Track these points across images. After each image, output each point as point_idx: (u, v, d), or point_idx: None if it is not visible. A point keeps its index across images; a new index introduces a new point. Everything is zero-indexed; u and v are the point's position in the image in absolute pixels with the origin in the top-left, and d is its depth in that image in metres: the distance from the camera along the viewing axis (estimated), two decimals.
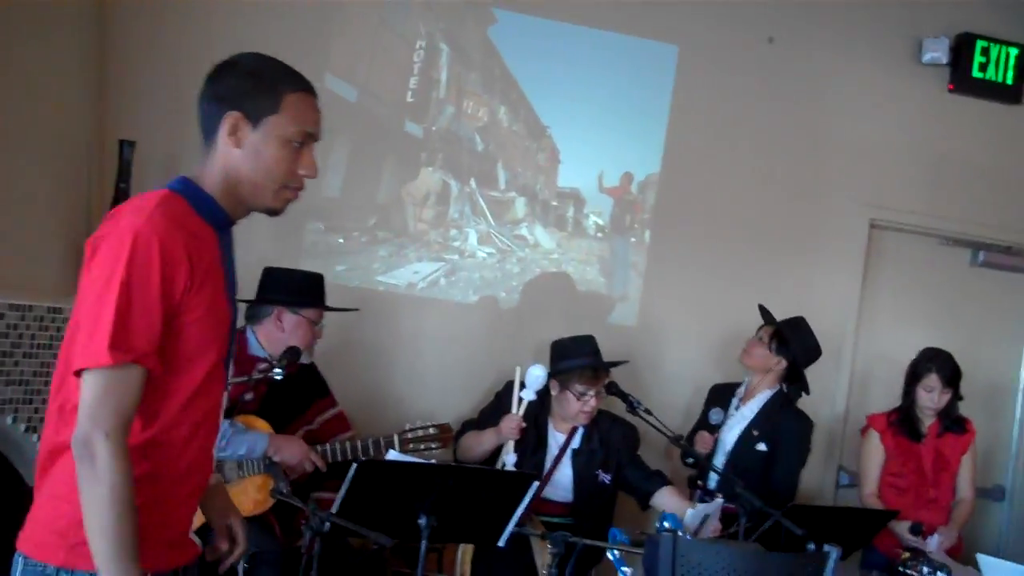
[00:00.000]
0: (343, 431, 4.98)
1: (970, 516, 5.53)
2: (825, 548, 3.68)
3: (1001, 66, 6.47)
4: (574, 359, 5.04)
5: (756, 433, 5.35)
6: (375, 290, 5.85)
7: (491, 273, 6.04)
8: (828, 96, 6.41)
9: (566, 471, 5.06)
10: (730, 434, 5.39)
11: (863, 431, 5.65)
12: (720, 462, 5.27)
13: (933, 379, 5.35)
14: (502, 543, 4.04)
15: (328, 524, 3.73)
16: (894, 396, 5.61)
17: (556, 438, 5.11)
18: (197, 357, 2.41)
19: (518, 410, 4.95)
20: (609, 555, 3.96)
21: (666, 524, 4.14)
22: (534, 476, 4.10)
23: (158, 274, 2.28)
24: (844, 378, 6.41)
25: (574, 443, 5.10)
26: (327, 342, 5.15)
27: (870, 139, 6.45)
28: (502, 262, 6.05)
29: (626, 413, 4.93)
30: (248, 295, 4.59)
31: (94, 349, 2.24)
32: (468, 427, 5.18)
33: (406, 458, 4.36)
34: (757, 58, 6.30)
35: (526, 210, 6.09)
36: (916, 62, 6.47)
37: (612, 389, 4.92)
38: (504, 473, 4.62)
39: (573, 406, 5.00)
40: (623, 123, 6.17)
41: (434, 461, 4.40)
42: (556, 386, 5.05)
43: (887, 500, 5.38)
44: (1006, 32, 6.47)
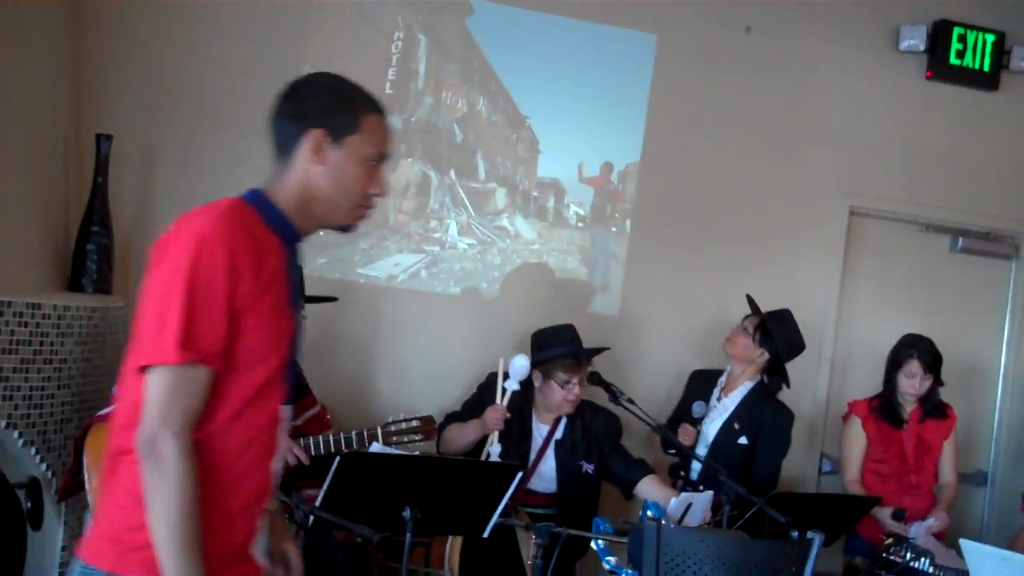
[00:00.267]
0: (325, 429, 4.94)
1: (953, 501, 5.57)
2: (808, 535, 3.68)
3: (978, 53, 6.49)
4: (556, 348, 5.04)
5: (737, 427, 5.35)
6: (356, 282, 5.83)
7: (472, 264, 6.02)
8: (806, 84, 6.41)
9: (550, 462, 5.07)
10: (711, 426, 5.39)
11: (844, 417, 5.67)
12: (701, 454, 5.26)
13: (914, 365, 5.36)
14: (486, 534, 4.04)
15: (312, 518, 3.72)
16: (875, 382, 5.63)
17: (540, 429, 5.11)
18: (255, 364, 2.42)
19: (502, 401, 4.95)
20: (593, 545, 3.97)
21: (649, 513, 4.16)
22: (518, 467, 4.10)
23: (224, 274, 2.30)
24: (825, 365, 6.42)
25: (557, 434, 5.10)
26: (307, 335, 5.13)
27: (848, 127, 6.47)
28: (483, 253, 6.04)
29: (609, 403, 4.94)
30: None
31: (162, 346, 2.26)
32: (451, 419, 5.17)
33: (390, 450, 4.35)
34: (735, 47, 6.31)
35: (506, 201, 6.08)
36: (894, 49, 6.48)
37: (595, 379, 4.92)
38: (488, 464, 4.61)
39: (557, 395, 5.00)
40: (602, 113, 6.16)
41: (418, 453, 4.39)
42: (539, 376, 5.05)
43: (870, 486, 5.39)
44: (983, 19, 6.49)
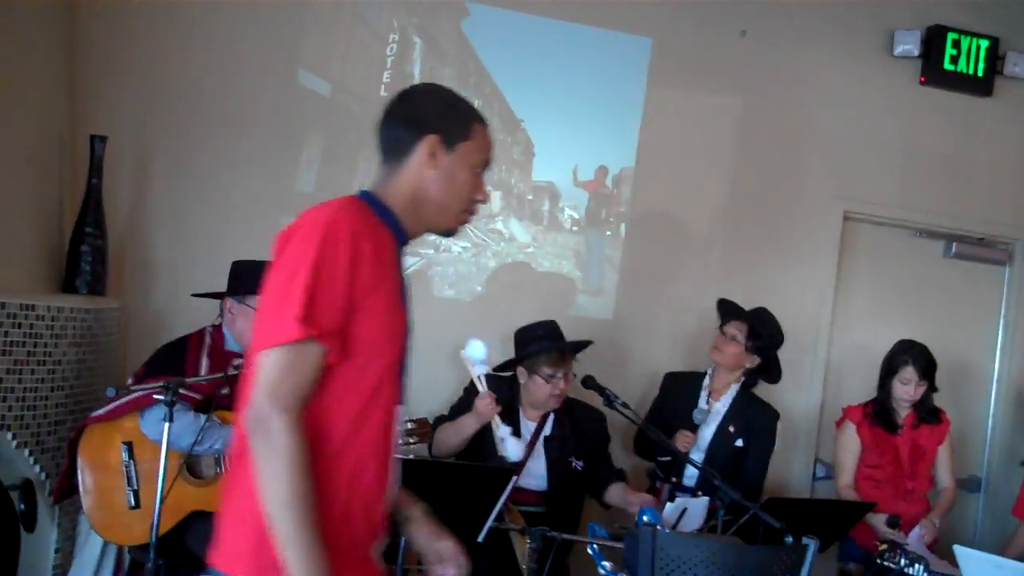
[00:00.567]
0: None
1: (951, 505, 5.57)
2: (804, 540, 3.68)
3: (972, 58, 6.50)
4: (538, 343, 5.05)
5: (732, 429, 5.36)
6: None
7: (466, 267, 6.02)
8: (801, 89, 6.42)
9: (540, 459, 5.05)
10: (707, 430, 5.37)
11: (838, 423, 5.66)
12: (697, 459, 5.26)
13: (909, 371, 5.36)
14: (480, 539, 4.03)
15: None
16: (869, 387, 5.62)
17: (528, 426, 5.10)
18: (373, 356, 2.43)
19: (483, 387, 4.90)
20: (589, 550, 3.96)
21: (645, 519, 4.15)
22: (512, 471, 4.09)
23: (347, 260, 2.34)
24: (819, 370, 6.42)
25: (546, 430, 5.10)
26: None
27: (843, 131, 6.48)
28: (477, 256, 6.03)
29: (603, 407, 4.93)
30: None
31: (282, 326, 2.28)
32: (440, 422, 5.15)
33: None
34: (730, 51, 6.31)
35: (501, 204, 6.07)
36: (888, 54, 6.49)
37: (589, 383, 4.90)
38: (483, 468, 4.60)
39: (543, 390, 5.00)
40: (597, 116, 6.16)
41: (412, 456, 4.38)
42: (524, 373, 5.05)
43: (865, 492, 5.39)
44: (977, 24, 6.50)
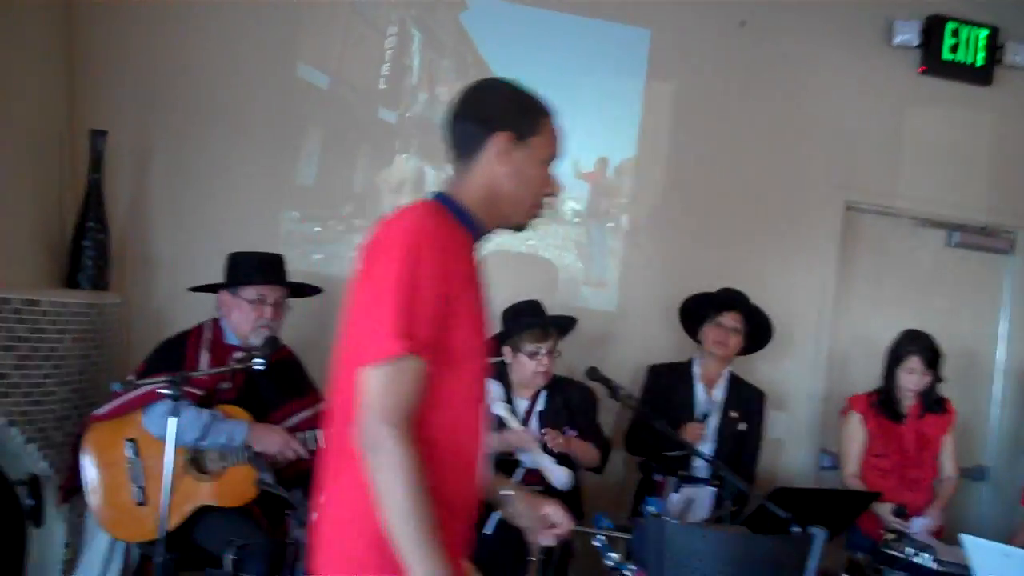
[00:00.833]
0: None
1: (953, 495, 5.57)
2: (811, 530, 3.67)
3: (971, 48, 6.49)
4: (520, 320, 5.06)
5: (734, 414, 5.43)
6: (353, 278, 5.78)
7: None
8: (800, 79, 6.41)
9: (536, 434, 5.05)
10: (712, 419, 5.42)
11: (843, 412, 5.66)
12: (707, 449, 5.27)
13: (915, 361, 5.37)
14: (489, 531, 4.02)
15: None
16: (872, 377, 5.62)
17: (520, 405, 5.11)
18: (467, 360, 2.46)
19: (516, 423, 4.94)
20: (595, 542, 3.95)
21: (651, 509, 4.15)
22: (517, 461, 4.08)
23: (437, 268, 2.36)
24: (822, 360, 6.42)
25: (539, 405, 5.10)
26: (304, 330, 5.11)
27: (843, 121, 6.46)
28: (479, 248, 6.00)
29: (608, 398, 4.92)
30: None
31: (381, 344, 2.30)
32: None
33: None
34: (729, 41, 6.29)
35: None
36: (887, 44, 6.48)
37: (594, 375, 4.89)
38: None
39: (528, 367, 5.01)
40: (597, 108, 6.13)
41: None
42: (509, 353, 5.07)
43: (870, 482, 5.39)
44: (976, 14, 6.49)
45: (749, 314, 5.51)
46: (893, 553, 4.43)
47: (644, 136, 6.18)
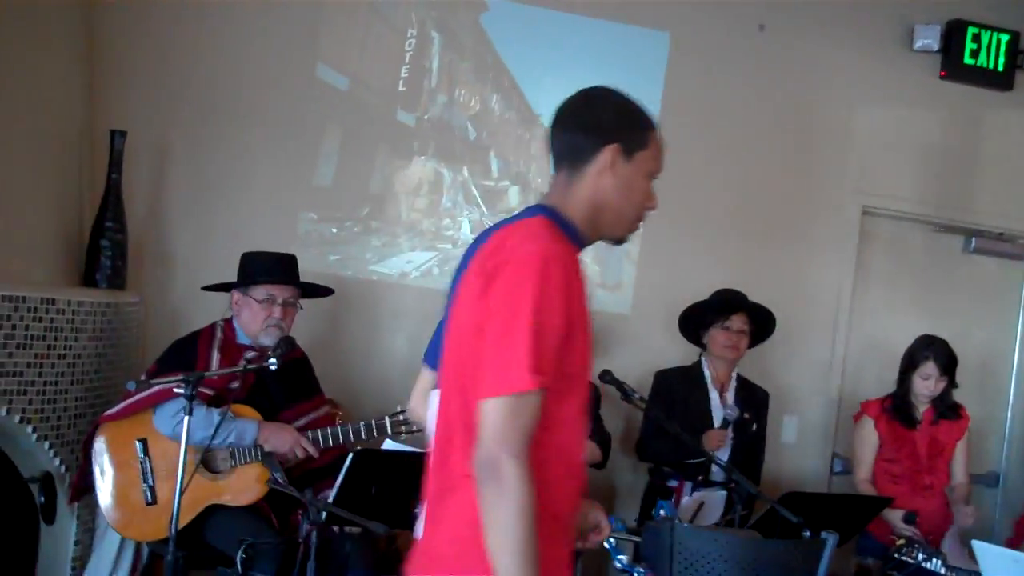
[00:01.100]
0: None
1: (967, 499, 5.54)
2: (823, 535, 3.67)
3: (992, 52, 6.47)
4: None
5: (748, 416, 5.43)
6: (368, 279, 5.82)
7: None
8: (820, 83, 6.40)
9: None
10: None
11: (856, 417, 5.65)
12: (724, 454, 5.25)
13: (930, 367, 5.35)
14: None
15: (325, 514, 3.73)
16: (887, 382, 5.61)
17: None
18: (581, 380, 2.42)
19: None
20: (605, 543, 3.96)
21: (662, 512, 4.15)
22: None
23: (563, 297, 2.30)
24: (837, 364, 6.41)
25: None
26: (319, 331, 5.13)
27: (862, 126, 6.45)
28: None
29: (621, 402, 4.91)
30: None
31: (509, 374, 2.24)
32: None
33: (402, 447, 4.35)
34: (748, 45, 6.29)
35: (519, 199, 6.05)
36: (908, 49, 6.46)
37: (606, 377, 4.89)
38: None
39: None
40: None
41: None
42: None
43: (882, 487, 5.37)
44: (997, 19, 6.47)
45: (752, 312, 5.49)
46: (903, 558, 4.42)
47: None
